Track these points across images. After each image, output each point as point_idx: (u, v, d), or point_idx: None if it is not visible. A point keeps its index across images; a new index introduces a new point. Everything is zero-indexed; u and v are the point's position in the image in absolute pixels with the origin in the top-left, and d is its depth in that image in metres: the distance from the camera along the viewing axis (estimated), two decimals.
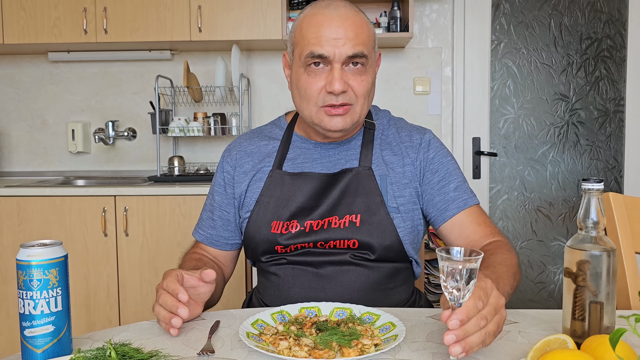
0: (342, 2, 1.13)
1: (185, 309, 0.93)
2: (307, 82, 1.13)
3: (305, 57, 1.11)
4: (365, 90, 1.14)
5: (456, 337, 0.76)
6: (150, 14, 2.69)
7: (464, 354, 0.76)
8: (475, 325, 0.77)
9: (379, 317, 0.98)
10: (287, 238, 1.16)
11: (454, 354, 0.76)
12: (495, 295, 0.80)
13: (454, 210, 1.18)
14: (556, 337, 0.80)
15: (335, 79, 1.09)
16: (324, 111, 1.13)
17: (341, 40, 1.09)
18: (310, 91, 1.12)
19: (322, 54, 1.09)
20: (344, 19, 1.10)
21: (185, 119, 2.83)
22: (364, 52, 1.11)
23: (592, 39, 2.99)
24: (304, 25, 1.13)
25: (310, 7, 1.15)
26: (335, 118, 1.13)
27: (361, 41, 1.11)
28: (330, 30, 1.09)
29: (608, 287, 0.87)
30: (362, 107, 1.16)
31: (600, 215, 0.88)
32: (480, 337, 0.77)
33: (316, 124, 1.16)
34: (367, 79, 1.14)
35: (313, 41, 1.10)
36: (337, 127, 1.14)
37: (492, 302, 0.80)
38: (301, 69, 1.13)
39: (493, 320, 0.79)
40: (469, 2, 2.98)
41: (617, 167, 3.04)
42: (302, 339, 0.88)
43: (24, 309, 0.83)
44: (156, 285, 1.17)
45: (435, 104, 3.05)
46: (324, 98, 1.12)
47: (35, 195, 2.49)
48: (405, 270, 1.23)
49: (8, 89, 3.11)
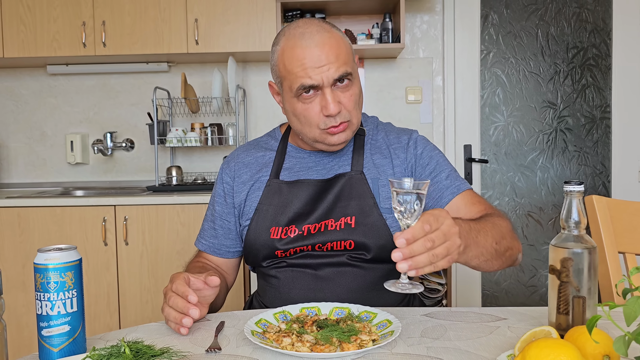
0: (315, 27, 1.18)
1: (196, 309, 0.98)
2: (305, 110, 1.19)
3: (297, 90, 1.17)
4: (355, 102, 1.21)
5: (403, 255, 0.83)
6: (148, 27, 2.75)
7: (414, 272, 0.84)
8: (422, 246, 0.84)
9: (376, 315, 1.03)
10: (286, 243, 1.22)
11: (400, 270, 0.84)
12: (447, 224, 0.87)
13: (448, 196, 1.24)
14: (541, 329, 0.86)
15: (329, 103, 1.16)
16: (327, 132, 1.20)
17: (325, 66, 1.15)
18: (310, 118, 1.19)
19: (312, 84, 1.16)
20: (321, 45, 1.15)
21: (182, 130, 2.88)
22: (347, 71, 1.17)
23: (578, 48, 3.07)
24: (286, 60, 1.18)
25: (285, 39, 1.19)
26: (339, 135, 1.21)
27: (343, 61, 1.17)
28: (313, 60, 1.15)
29: (589, 282, 0.92)
30: (357, 117, 1.22)
31: (581, 215, 0.93)
32: (427, 258, 0.84)
33: (320, 142, 1.23)
34: (355, 91, 1.21)
35: (301, 74, 1.15)
36: (340, 141, 1.22)
37: (443, 229, 0.86)
38: (294, 99, 1.19)
39: (443, 245, 0.86)
40: (459, 14, 3.06)
41: (604, 172, 3.11)
42: (304, 336, 0.93)
43: (41, 310, 0.88)
44: (163, 288, 1.22)
45: (427, 113, 3.12)
46: (325, 122, 1.19)
47: (36, 206, 2.53)
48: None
49: (7, 102, 3.16)
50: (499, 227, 1.10)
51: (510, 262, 1.14)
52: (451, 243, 0.88)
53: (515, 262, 1.17)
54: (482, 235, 1.02)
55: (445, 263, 0.87)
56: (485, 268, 1.09)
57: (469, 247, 0.97)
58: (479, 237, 1.01)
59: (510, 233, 1.13)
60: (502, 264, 1.11)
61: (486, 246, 1.03)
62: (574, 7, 3.05)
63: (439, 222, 0.87)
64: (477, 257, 1.02)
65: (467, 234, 0.96)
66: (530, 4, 3.06)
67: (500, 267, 1.12)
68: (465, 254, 0.97)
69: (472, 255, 1.00)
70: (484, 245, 1.02)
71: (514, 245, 1.13)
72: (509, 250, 1.11)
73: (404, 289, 0.90)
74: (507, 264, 1.14)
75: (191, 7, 2.74)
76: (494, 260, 1.07)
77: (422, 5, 3.07)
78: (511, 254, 1.12)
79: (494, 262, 1.08)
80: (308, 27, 1.18)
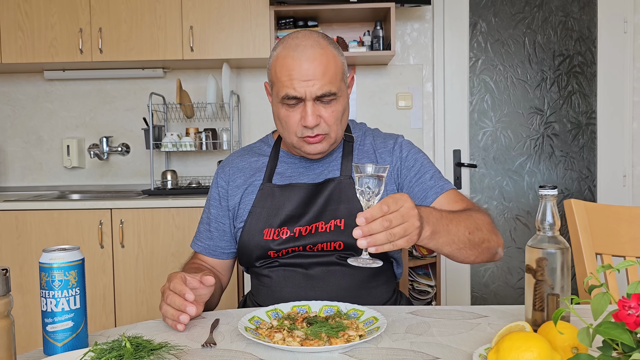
0: (310, 41, 1.24)
1: (193, 306, 1.04)
2: (286, 116, 1.26)
3: (281, 98, 1.24)
4: (336, 118, 1.26)
5: (362, 233, 0.92)
6: (144, 34, 2.80)
7: (374, 249, 0.93)
8: (380, 225, 0.92)
9: (364, 313, 1.09)
10: (279, 243, 1.27)
11: (360, 246, 0.93)
12: (407, 206, 0.94)
13: (433, 196, 1.30)
14: (516, 323, 0.92)
15: (308, 115, 1.22)
16: (303, 140, 1.27)
17: (311, 81, 1.21)
18: (289, 124, 1.26)
19: (295, 96, 1.22)
20: (311, 60, 1.21)
21: (177, 135, 2.94)
22: (331, 91, 1.23)
23: (565, 55, 3.15)
24: (277, 67, 1.24)
25: (282, 47, 1.25)
26: (314, 145, 1.27)
27: (329, 80, 1.22)
28: (301, 73, 1.21)
29: (562, 280, 0.98)
30: (336, 132, 1.28)
31: (555, 217, 0.99)
32: (384, 236, 0.92)
33: (297, 149, 1.30)
34: (338, 109, 1.26)
35: (287, 84, 1.22)
36: (315, 151, 1.28)
37: (402, 210, 0.94)
38: (279, 104, 1.26)
39: (400, 225, 0.94)
40: (448, 21, 3.14)
41: (590, 177, 3.19)
42: (295, 331, 0.98)
43: (46, 306, 0.93)
44: (161, 287, 1.27)
45: (417, 118, 3.19)
46: (302, 130, 1.25)
47: (33, 209, 2.58)
48: (387, 270, 1.35)
49: (4, 106, 3.20)
50: (475, 219, 1.16)
51: (489, 254, 1.19)
52: (409, 224, 0.95)
53: (495, 255, 1.21)
54: (454, 225, 1.09)
55: (404, 242, 0.95)
56: (460, 257, 1.15)
57: (438, 233, 1.04)
58: (450, 226, 1.08)
59: (487, 226, 1.18)
60: (479, 254, 1.17)
61: (458, 235, 1.10)
62: (560, 16, 3.13)
63: (398, 205, 0.94)
64: (448, 245, 1.09)
65: (437, 221, 1.04)
66: (518, 12, 3.14)
67: (478, 257, 1.17)
68: (435, 240, 1.05)
69: (443, 242, 1.07)
70: (456, 233, 1.09)
71: (492, 239, 1.18)
72: (485, 242, 1.16)
73: (364, 263, 1.01)
74: (486, 256, 1.19)
75: (186, 14, 2.80)
76: (468, 249, 1.13)
77: (413, 13, 3.14)
78: (488, 247, 1.17)
79: (468, 252, 1.14)
80: (304, 40, 1.24)
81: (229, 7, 2.81)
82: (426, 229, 1.01)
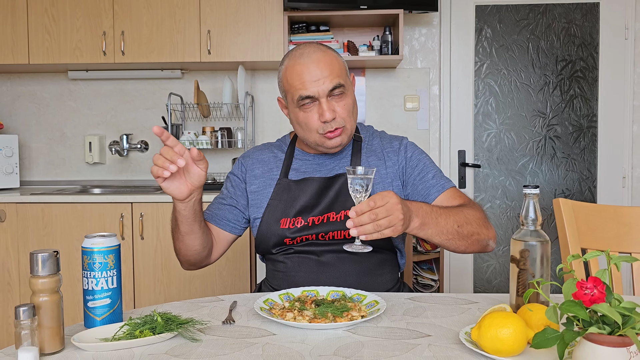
0: (311, 48, 1.40)
1: (183, 160, 1.13)
2: (305, 118, 1.40)
3: (297, 101, 1.38)
4: (349, 110, 1.41)
5: (353, 224, 1.09)
6: (164, 37, 2.95)
7: (364, 237, 1.10)
8: (368, 217, 1.08)
9: (366, 297, 1.21)
10: (294, 232, 1.41)
11: (352, 234, 1.10)
12: (392, 202, 1.10)
13: (435, 194, 1.43)
14: (499, 306, 1.05)
15: (325, 111, 1.36)
16: (324, 137, 1.41)
17: (320, 80, 1.36)
18: (310, 124, 1.40)
19: (309, 95, 1.37)
20: (316, 62, 1.37)
21: (194, 133, 3.08)
22: (340, 83, 1.38)
23: (567, 60, 3.25)
24: (288, 76, 1.40)
25: (288, 60, 1.41)
26: (334, 139, 1.41)
27: (336, 75, 1.37)
28: (310, 74, 1.36)
29: (542, 269, 1.11)
30: (351, 124, 1.43)
31: (537, 213, 1.11)
32: (372, 227, 1.08)
33: (320, 145, 1.43)
34: (348, 101, 1.41)
35: (299, 87, 1.37)
36: (336, 144, 1.42)
37: (387, 206, 1.09)
38: (297, 109, 1.40)
39: (386, 218, 1.09)
40: (455, 27, 3.25)
41: (590, 178, 3.29)
42: (304, 312, 1.11)
43: (87, 285, 1.06)
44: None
45: (424, 120, 3.31)
46: (323, 127, 1.39)
47: (58, 202, 2.73)
48: (391, 260, 1.49)
49: (29, 104, 3.36)
50: (466, 214, 1.30)
51: (479, 246, 1.33)
52: (393, 217, 1.10)
53: (486, 247, 1.35)
54: (443, 218, 1.24)
55: (390, 232, 1.11)
56: (451, 247, 1.30)
57: (427, 225, 1.21)
58: (439, 219, 1.23)
59: (478, 221, 1.32)
60: (469, 245, 1.31)
61: (447, 227, 1.24)
62: (563, 23, 3.23)
63: (384, 201, 1.09)
64: (438, 235, 1.24)
65: (426, 215, 1.20)
66: (522, 19, 3.24)
67: (468, 248, 1.31)
68: (424, 230, 1.21)
69: (432, 232, 1.23)
70: (445, 226, 1.24)
71: (482, 232, 1.31)
72: (474, 235, 1.30)
73: (356, 249, 1.19)
74: (476, 247, 1.33)
75: (204, 19, 2.94)
76: (457, 240, 1.27)
77: (421, 19, 3.26)
78: (478, 239, 1.31)
79: (458, 242, 1.28)
80: (306, 48, 1.40)
81: (244, 13, 2.94)
82: (415, 220, 1.17)
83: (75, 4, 2.95)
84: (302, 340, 1.00)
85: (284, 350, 0.95)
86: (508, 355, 0.89)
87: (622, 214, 1.53)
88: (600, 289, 0.80)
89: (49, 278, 0.96)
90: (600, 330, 0.79)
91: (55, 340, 0.96)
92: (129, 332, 1.01)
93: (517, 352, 0.89)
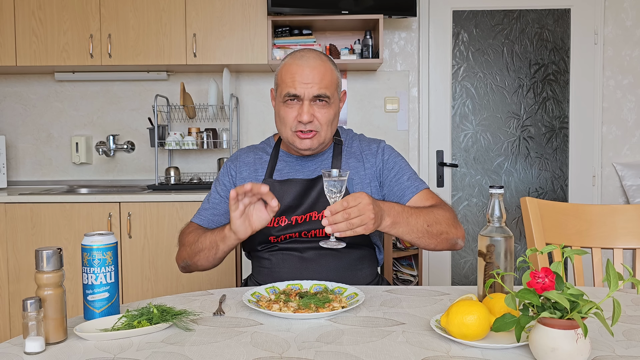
0: (313, 54, 1.49)
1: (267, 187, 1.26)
2: (285, 112, 1.49)
3: (284, 96, 1.48)
4: (328, 120, 1.50)
5: (328, 222, 1.19)
6: (151, 40, 3.01)
7: (339, 234, 1.19)
8: (341, 216, 1.18)
9: (346, 290, 1.29)
10: (278, 230, 1.50)
11: (327, 232, 1.20)
12: (364, 203, 1.20)
13: (409, 195, 1.52)
14: (467, 296, 1.14)
15: (304, 112, 1.46)
16: (296, 135, 1.49)
17: (309, 84, 1.45)
18: (287, 119, 1.49)
19: (295, 94, 1.46)
20: (312, 67, 1.46)
21: (180, 134, 3.14)
22: (326, 94, 1.47)
23: (540, 64, 3.37)
24: (284, 72, 1.49)
25: (289, 57, 1.51)
26: (305, 140, 1.50)
27: (325, 85, 1.47)
28: (302, 76, 1.45)
29: (506, 263, 1.20)
30: (326, 132, 1.51)
31: (502, 211, 1.21)
32: (345, 225, 1.19)
33: (291, 144, 1.52)
34: (330, 112, 1.50)
35: (289, 84, 1.46)
36: (306, 146, 1.50)
37: (359, 206, 1.20)
38: (281, 103, 1.50)
39: (358, 217, 1.19)
40: (433, 32, 3.36)
41: (562, 177, 3.42)
42: (289, 303, 1.20)
43: (87, 280, 1.12)
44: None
45: (403, 121, 3.41)
46: (296, 125, 1.48)
47: (47, 202, 2.78)
48: (370, 255, 1.58)
49: (16, 105, 3.39)
50: (436, 214, 1.40)
51: (448, 244, 1.43)
52: (365, 216, 1.20)
53: (455, 245, 1.45)
54: (413, 217, 1.34)
55: (362, 230, 1.21)
56: (421, 244, 1.40)
57: (398, 223, 1.31)
58: (410, 218, 1.33)
59: (447, 221, 1.42)
60: (438, 243, 1.41)
61: (417, 226, 1.35)
62: (536, 28, 3.35)
63: (357, 201, 1.19)
64: (408, 234, 1.35)
65: (397, 214, 1.31)
66: (497, 24, 3.36)
67: (437, 245, 1.42)
68: (395, 229, 1.31)
69: (403, 231, 1.33)
70: (415, 225, 1.34)
71: (451, 231, 1.42)
72: (443, 234, 1.40)
73: (331, 245, 1.28)
74: (445, 245, 1.43)
75: (190, 22, 3.01)
76: (427, 238, 1.38)
77: (400, 23, 3.36)
78: (447, 237, 1.41)
79: (427, 240, 1.39)
80: (309, 53, 1.50)
81: (229, 17, 3.01)
82: (386, 219, 1.28)
83: (62, 7, 3.00)
84: (288, 329, 1.07)
85: (271, 337, 1.03)
86: (473, 339, 0.98)
87: (584, 212, 1.64)
88: (551, 278, 0.90)
89: (54, 273, 1.03)
90: (551, 314, 0.89)
91: (59, 331, 1.03)
92: (127, 322, 1.07)
93: (481, 336, 0.98)
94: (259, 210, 1.32)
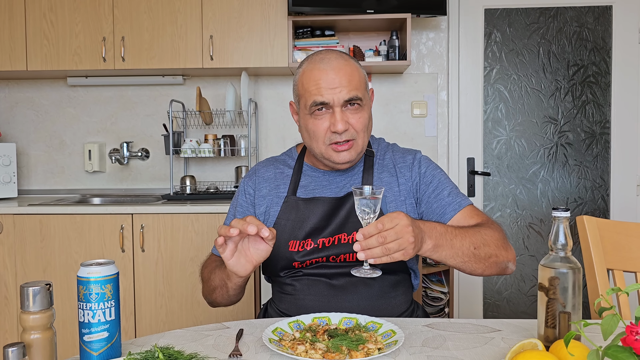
0: (334, 55, 1.32)
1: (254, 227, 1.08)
2: (315, 125, 1.32)
3: (310, 106, 1.31)
4: (364, 125, 1.33)
5: (360, 247, 1.03)
6: (165, 43, 2.88)
7: (373, 261, 1.04)
8: (375, 240, 1.03)
9: (382, 325, 1.14)
10: (303, 255, 1.33)
11: (359, 258, 1.05)
12: (401, 224, 1.04)
13: (451, 212, 1.35)
14: (529, 340, 0.96)
15: (338, 121, 1.29)
16: (331, 148, 1.33)
17: (337, 88, 1.28)
18: (318, 132, 1.32)
19: (323, 102, 1.29)
20: (337, 70, 1.29)
21: (196, 141, 3.00)
22: (358, 95, 1.30)
23: (579, 65, 3.17)
24: (305, 80, 1.32)
25: (307, 63, 1.34)
26: (342, 153, 1.33)
27: (354, 86, 1.30)
28: (327, 81, 1.29)
29: (574, 299, 1.03)
30: (363, 139, 1.35)
31: (568, 238, 1.04)
32: (380, 250, 1.03)
33: (326, 159, 1.35)
34: (364, 115, 1.33)
35: (315, 92, 1.29)
36: (344, 160, 1.34)
37: (396, 228, 1.03)
38: (308, 115, 1.33)
39: (395, 241, 1.03)
40: (463, 31, 3.17)
41: (603, 186, 3.21)
42: (317, 344, 1.03)
43: (83, 317, 0.98)
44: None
45: (431, 126, 3.23)
46: (330, 137, 1.31)
47: (56, 214, 2.66)
48: (405, 281, 1.40)
49: (28, 111, 3.29)
50: (483, 235, 1.22)
51: (497, 268, 1.25)
52: (403, 240, 1.03)
53: (505, 269, 1.27)
54: (458, 239, 1.17)
55: (400, 256, 1.04)
56: (467, 269, 1.22)
57: (441, 246, 1.14)
58: (454, 240, 1.16)
59: (497, 242, 1.24)
60: (487, 268, 1.23)
61: (462, 249, 1.17)
62: (574, 26, 3.15)
63: (393, 223, 1.03)
64: (452, 257, 1.17)
65: (440, 236, 1.14)
66: (532, 22, 3.17)
67: (485, 270, 1.23)
68: (438, 252, 1.14)
69: (447, 254, 1.16)
70: (460, 247, 1.17)
71: (500, 254, 1.24)
72: (492, 257, 1.22)
73: (364, 274, 1.13)
74: (494, 270, 1.25)
75: (207, 24, 2.87)
76: (474, 263, 1.20)
77: (428, 23, 3.19)
78: (496, 261, 1.23)
79: (474, 265, 1.21)
80: (328, 54, 1.33)
81: (248, 18, 2.87)
82: (428, 242, 1.11)
83: (74, 9, 2.88)
84: None
85: None
86: None
87: None
88: None
89: (41, 314, 0.90)
90: None
91: None
92: None
93: None
94: (255, 242, 1.16)
